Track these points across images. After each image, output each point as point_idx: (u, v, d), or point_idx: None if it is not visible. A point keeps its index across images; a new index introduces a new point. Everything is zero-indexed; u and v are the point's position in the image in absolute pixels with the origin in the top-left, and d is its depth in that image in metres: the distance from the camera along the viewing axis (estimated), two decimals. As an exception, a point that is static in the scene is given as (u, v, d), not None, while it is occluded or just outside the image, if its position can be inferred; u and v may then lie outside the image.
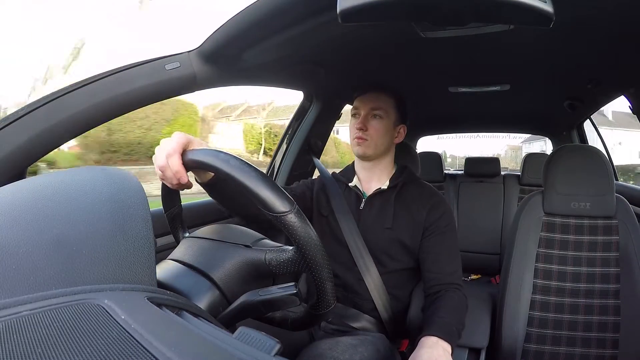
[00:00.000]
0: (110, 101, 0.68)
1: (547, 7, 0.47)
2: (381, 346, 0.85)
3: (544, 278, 1.01)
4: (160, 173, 0.53)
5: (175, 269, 0.48)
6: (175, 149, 0.51)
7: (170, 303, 0.30)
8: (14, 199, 0.34)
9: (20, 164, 0.61)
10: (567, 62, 1.02)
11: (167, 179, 0.54)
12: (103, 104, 0.67)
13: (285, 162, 1.45)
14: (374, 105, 0.96)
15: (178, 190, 0.58)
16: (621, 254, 0.98)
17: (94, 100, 0.66)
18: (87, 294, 0.26)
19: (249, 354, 0.27)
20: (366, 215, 0.97)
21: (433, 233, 0.93)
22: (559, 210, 1.04)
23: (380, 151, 0.98)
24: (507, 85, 1.27)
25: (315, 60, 1.01)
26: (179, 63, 0.74)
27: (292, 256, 0.47)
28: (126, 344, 0.22)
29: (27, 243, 0.29)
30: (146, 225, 0.33)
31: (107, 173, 0.37)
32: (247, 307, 0.48)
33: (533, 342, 0.99)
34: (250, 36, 0.72)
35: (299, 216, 0.44)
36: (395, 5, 0.51)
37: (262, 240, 0.53)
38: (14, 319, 0.22)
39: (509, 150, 24.07)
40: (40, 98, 0.63)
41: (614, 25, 0.75)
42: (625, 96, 1.19)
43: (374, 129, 0.96)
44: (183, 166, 0.51)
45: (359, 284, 0.94)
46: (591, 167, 1.01)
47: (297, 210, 0.44)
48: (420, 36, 0.81)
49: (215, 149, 0.49)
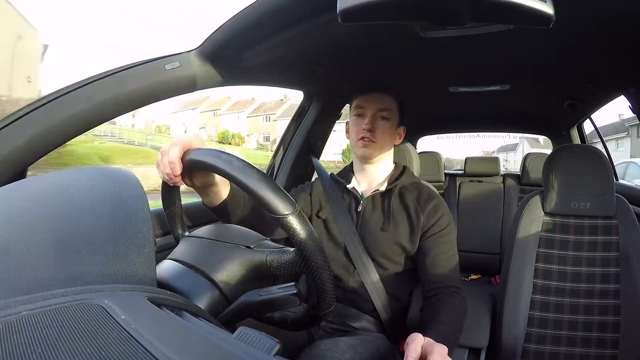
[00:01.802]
0: (110, 101, 0.68)
1: (547, 7, 0.47)
2: (381, 346, 0.85)
3: (544, 278, 1.01)
4: (159, 157, 0.55)
5: (175, 269, 0.48)
6: (182, 141, 0.53)
7: (170, 303, 0.30)
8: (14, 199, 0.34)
9: (20, 164, 0.62)
10: (567, 62, 1.02)
11: (161, 166, 0.55)
12: (103, 104, 0.67)
13: (285, 163, 1.44)
14: (381, 106, 0.95)
15: (174, 186, 0.58)
16: (621, 253, 0.98)
17: (94, 100, 0.66)
18: (87, 294, 0.26)
19: (249, 354, 0.27)
20: (364, 217, 0.97)
21: (432, 235, 0.93)
22: (559, 210, 1.03)
23: (382, 153, 0.97)
24: (507, 85, 1.27)
25: (315, 60, 1.01)
26: (179, 63, 0.75)
27: (293, 257, 0.47)
28: (126, 344, 0.22)
29: (27, 243, 0.29)
30: (146, 225, 0.33)
31: (107, 173, 0.37)
32: (247, 307, 0.48)
33: (533, 342, 0.99)
34: (250, 36, 0.72)
35: (300, 218, 0.44)
36: (395, 5, 0.51)
37: (263, 241, 0.53)
38: (14, 319, 0.22)
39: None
40: (40, 98, 0.63)
41: (614, 25, 0.75)
42: (625, 96, 1.19)
43: (381, 131, 0.95)
44: (180, 159, 0.52)
45: (358, 285, 0.94)
46: (591, 167, 1.01)
47: (299, 212, 0.44)
48: (420, 36, 0.81)
49: (218, 150, 0.49)
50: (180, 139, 0.53)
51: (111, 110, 0.69)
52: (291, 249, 0.48)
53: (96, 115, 0.67)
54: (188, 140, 0.53)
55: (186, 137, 0.54)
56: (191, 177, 0.59)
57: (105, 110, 0.68)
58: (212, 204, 0.67)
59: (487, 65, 1.10)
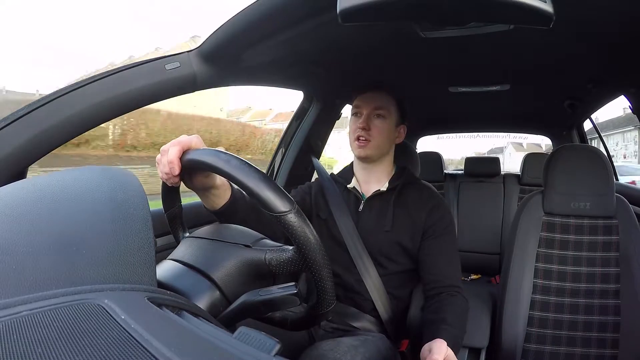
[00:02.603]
0: (110, 101, 0.68)
1: (547, 7, 0.47)
2: (382, 346, 0.85)
3: (544, 278, 1.01)
4: (159, 156, 0.55)
5: (175, 269, 0.48)
6: (181, 142, 0.53)
7: (170, 303, 0.30)
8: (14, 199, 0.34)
9: (20, 164, 0.61)
10: (567, 62, 1.03)
11: (160, 165, 0.55)
12: (103, 104, 0.67)
13: (285, 163, 1.44)
14: (376, 105, 0.95)
15: (173, 185, 0.58)
16: (621, 253, 0.98)
17: (94, 100, 0.66)
18: (87, 294, 0.26)
19: (249, 354, 0.27)
20: (365, 217, 0.97)
21: (432, 235, 0.93)
22: (559, 210, 1.03)
23: (381, 152, 0.97)
24: (507, 85, 1.27)
25: (315, 60, 1.01)
26: (179, 63, 0.75)
27: (292, 256, 0.47)
28: (126, 344, 0.22)
29: (27, 243, 0.29)
30: (146, 225, 0.33)
31: (107, 173, 0.37)
32: (247, 307, 0.48)
33: (533, 342, 0.99)
34: (250, 36, 0.72)
35: (299, 216, 0.44)
36: (395, 5, 0.51)
37: (262, 240, 0.53)
38: (13, 319, 0.22)
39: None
40: (40, 98, 0.63)
41: (614, 25, 0.75)
42: (625, 96, 1.19)
43: (377, 129, 0.94)
44: (179, 159, 0.52)
45: (358, 285, 0.94)
46: (591, 167, 1.01)
47: (297, 210, 0.44)
48: (420, 36, 0.81)
49: (216, 149, 0.49)
50: (181, 139, 0.53)
51: (111, 110, 0.69)
52: (290, 247, 0.48)
53: (96, 115, 0.67)
54: (188, 141, 0.53)
55: (187, 138, 0.54)
56: (191, 178, 0.59)
57: (105, 110, 0.68)
58: (212, 207, 0.66)
59: (487, 65, 1.10)
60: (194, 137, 0.54)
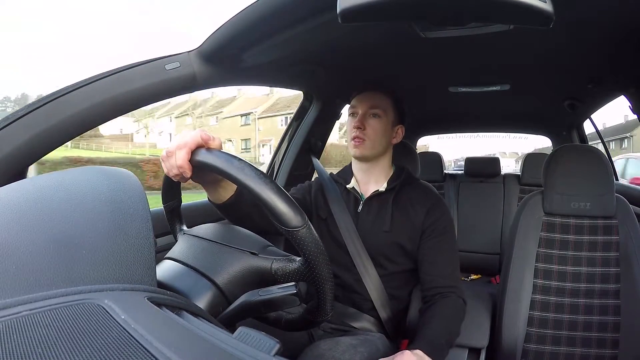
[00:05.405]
0: (110, 101, 0.68)
1: (547, 7, 0.47)
2: (381, 346, 0.85)
3: (544, 278, 1.01)
4: (164, 154, 0.53)
5: (176, 269, 0.48)
6: (187, 143, 0.50)
7: (170, 303, 0.30)
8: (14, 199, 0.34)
9: (20, 164, 0.61)
10: (567, 62, 1.03)
11: (166, 165, 0.53)
12: (103, 104, 0.67)
13: (285, 162, 1.44)
14: (372, 104, 0.95)
15: (179, 183, 0.57)
16: (621, 253, 0.98)
17: (94, 100, 0.66)
18: (87, 294, 0.26)
19: (249, 354, 0.27)
20: (364, 218, 0.97)
21: (431, 235, 0.93)
22: (558, 210, 1.03)
23: (378, 152, 0.97)
24: (507, 85, 1.27)
25: (315, 60, 1.01)
26: (179, 63, 0.75)
27: (299, 267, 0.47)
28: (126, 344, 0.22)
29: (27, 243, 0.29)
30: (146, 225, 0.33)
31: (107, 173, 0.37)
32: (247, 307, 0.48)
33: (533, 342, 0.99)
34: (250, 36, 0.72)
35: (310, 231, 0.44)
36: (395, 5, 0.51)
37: (269, 247, 0.52)
38: (13, 319, 0.22)
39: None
40: (40, 98, 0.63)
41: (614, 25, 0.75)
42: (625, 96, 1.19)
43: (372, 129, 0.95)
44: (189, 163, 0.50)
45: (357, 285, 0.94)
46: (591, 167, 1.01)
47: (309, 226, 0.44)
48: (420, 36, 0.81)
49: (229, 154, 0.48)
50: (187, 140, 0.50)
51: (111, 110, 0.69)
52: (297, 257, 0.48)
53: (96, 115, 0.67)
54: (194, 140, 0.50)
55: (192, 137, 0.50)
56: (200, 174, 0.58)
57: (105, 110, 0.68)
58: (218, 200, 0.66)
59: (487, 65, 1.10)
60: (199, 132, 0.51)
